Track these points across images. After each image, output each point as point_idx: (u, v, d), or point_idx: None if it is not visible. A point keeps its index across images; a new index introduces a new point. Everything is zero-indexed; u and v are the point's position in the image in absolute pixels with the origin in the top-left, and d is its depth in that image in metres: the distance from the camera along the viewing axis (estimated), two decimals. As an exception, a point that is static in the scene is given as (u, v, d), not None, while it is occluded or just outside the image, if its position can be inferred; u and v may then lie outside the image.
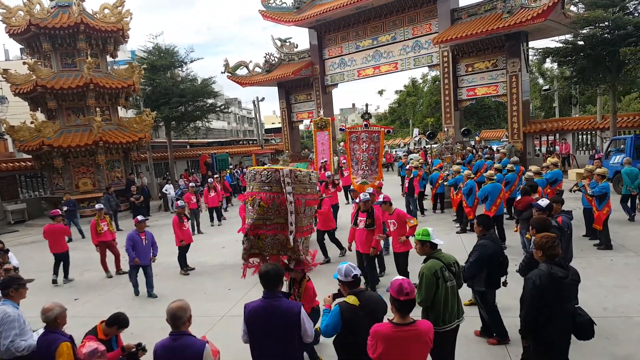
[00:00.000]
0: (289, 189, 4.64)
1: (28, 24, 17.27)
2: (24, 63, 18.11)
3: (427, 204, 14.37)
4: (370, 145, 9.40)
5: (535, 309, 3.70)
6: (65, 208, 14.69)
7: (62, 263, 9.74)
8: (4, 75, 18.13)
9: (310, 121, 16.06)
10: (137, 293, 8.34)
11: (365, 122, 10.78)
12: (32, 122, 18.11)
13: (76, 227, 14.80)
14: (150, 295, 8.22)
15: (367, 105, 12.53)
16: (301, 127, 37.03)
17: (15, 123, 18.76)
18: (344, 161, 14.13)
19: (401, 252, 7.24)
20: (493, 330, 5.41)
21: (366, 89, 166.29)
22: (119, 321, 4.21)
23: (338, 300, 3.82)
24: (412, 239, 5.68)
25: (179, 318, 3.24)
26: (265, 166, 5.10)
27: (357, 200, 7.69)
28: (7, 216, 18.70)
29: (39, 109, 19.21)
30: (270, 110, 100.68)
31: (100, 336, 4.10)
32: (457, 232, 10.95)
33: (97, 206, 10.60)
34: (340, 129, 10.45)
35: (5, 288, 4.36)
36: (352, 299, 3.59)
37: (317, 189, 4.95)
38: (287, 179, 4.65)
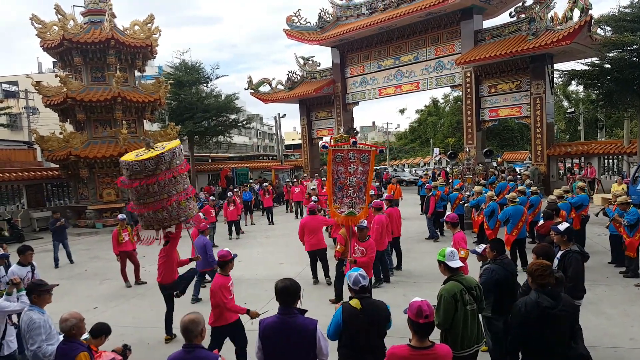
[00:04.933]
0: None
1: (62, 39, 17.96)
2: (56, 76, 18.77)
3: (446, 224, 14.19)
4: (359, 167, 7.61)
5: (521, 335, 3.73)
6: (59, 222, 12.56)
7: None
8: (37, 87, 18.85)
9: (331, 138, 15.84)
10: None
11: (352, 139, 8.74)
12: (60, 133, 18.75)
13: (65, 250, 12.68)
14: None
15: (353, 120, 11.20)
16: (321, 143, 37.07)
17: (45, 133, 19.41)
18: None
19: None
20: (492, 358, 5.03)
21: (387, 108, 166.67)
22: (104, 330, 4.21)
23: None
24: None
25: (191, 331, 3.24)
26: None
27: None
28: (33, 223, 19.16)
29: (68, 120, 19.82)
30: (291, 126, 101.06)
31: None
32: (477, 255, 10.72)
33: (119, 216, 10.78)
34: (323, 146, 8.08)
35: (28, 294, 4.44)
36: (354, 302, 3.76)
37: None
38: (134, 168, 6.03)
